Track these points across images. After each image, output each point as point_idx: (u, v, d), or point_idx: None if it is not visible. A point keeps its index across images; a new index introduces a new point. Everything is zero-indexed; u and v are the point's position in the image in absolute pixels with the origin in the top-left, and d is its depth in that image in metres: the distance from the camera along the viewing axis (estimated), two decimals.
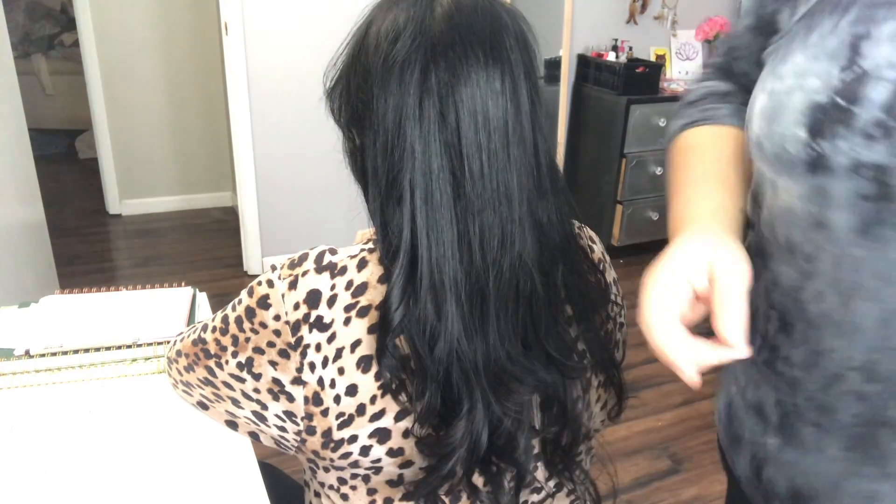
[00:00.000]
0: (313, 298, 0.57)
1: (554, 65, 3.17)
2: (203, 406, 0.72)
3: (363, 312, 0.57)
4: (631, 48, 3.19)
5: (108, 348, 0.95)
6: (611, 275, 0.72)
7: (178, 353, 0.72)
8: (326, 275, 0.58)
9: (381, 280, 0.58)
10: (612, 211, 3.15)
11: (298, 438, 0.62)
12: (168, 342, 0.97)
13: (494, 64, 0.55)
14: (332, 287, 0.57)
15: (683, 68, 3.42)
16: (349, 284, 0.58)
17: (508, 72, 0.56)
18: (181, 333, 0.75)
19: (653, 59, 3.33)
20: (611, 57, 3.11)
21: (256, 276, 3.16)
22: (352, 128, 0.61)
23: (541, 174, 0.59)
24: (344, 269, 0.58)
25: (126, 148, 3.59)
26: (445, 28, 0.55)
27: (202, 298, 1.12)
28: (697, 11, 3.39)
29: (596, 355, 0.65)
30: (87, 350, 0.94)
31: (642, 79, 3.01)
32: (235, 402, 0.65)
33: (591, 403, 0.69)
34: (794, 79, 0.50)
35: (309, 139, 2.81)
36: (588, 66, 3.18)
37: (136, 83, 3.50)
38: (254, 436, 0.68)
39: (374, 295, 0.57)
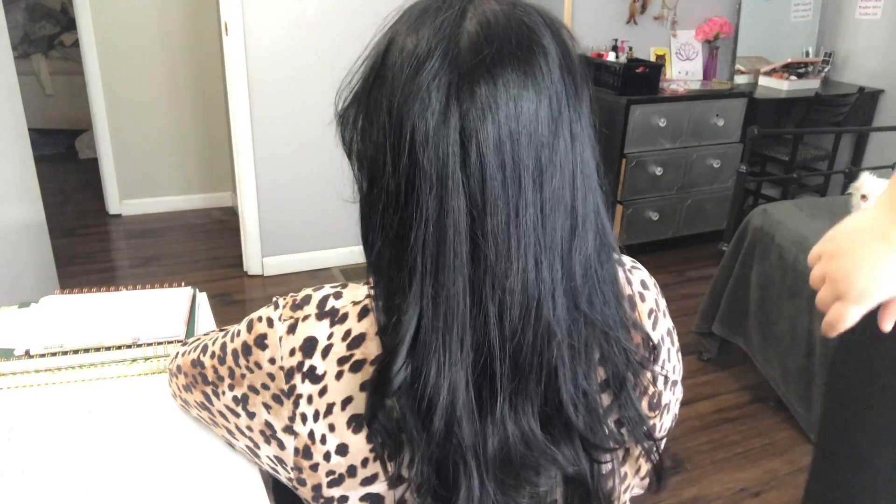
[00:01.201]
0: (309, 346, 0.54)
1: None
2: (202, 422, 0.72)
3: (357, 367, 0.53)
4: (631, 48, 3.19)
5: (108, 348, 0.95)
6: (665, 325, 0.63)
7: (179, 368, 0.71)
8: (326, 322, 0.55)
9: (379, 335, 0.53)
10: (612, 211, 3.15)
11: (290, 484, 0.60)
12: (168, 342, 0.97)
13: (528, 98, 0.47)
14: (330, 336, 0.54)
15: (683, 68, 3.42)
16: (347, 334, 0.54)
17: (546, 106, 0.48)
18: (184, 344, 0.74)
19: (653, 59, 3.33)
20: (611, 57, 3.11)
21: (256, 276, 3.16)
22: (360, 172, 0.53)
23: (577, 221, 0.50)
24: (345, 317, 0.55)
25: (126, 148, 3.59)
26: (472, 63, 0.47)
27: (202, 298, 1.12)
28: (697, 11, 3.39)
29: (634, 431, 0.56)
30: (87, 350, 0.94)
31: (642, 79, 3.01)
32: (231, 432, 0.64)
33: (629, 476, 0.61)
34: None
35: (309, 139, 2.81)
36: (588, 66, 3.18)
37: (136, 83, 3.50)
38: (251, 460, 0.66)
39: (370, 348, 0.53)
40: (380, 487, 0.55)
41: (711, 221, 3.33)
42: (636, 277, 0.62)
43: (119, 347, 0.95)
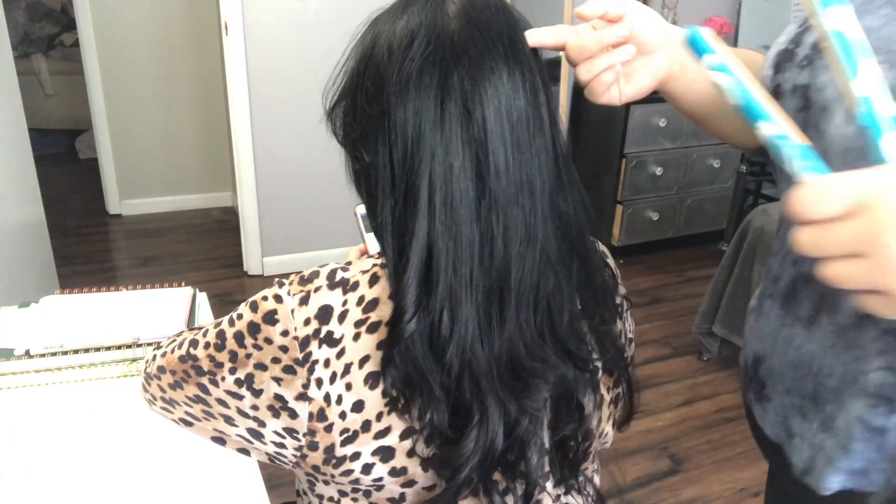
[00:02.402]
0: (324, 314, 0.56)
1: (554, 65, 3.17)
2: (187, 423, 0.70)
3: (373, 328, 0.56)
4: None
5: (108, 348, 0.95)
6: (622, 289, 0.71)
7: (161, 369, 0.69)
8: (339, 291, 0.57)
9: (392, 296, 0.57)
10: (612, 211, 3.15)
11: (298, 454, 0.60)
12: None
13: (512, 57, 0.56)
14: (344, 303, 0.57)
15: None
16: (360, 300, 0.57)
17: (526, 64, 0.57)
18: (159, 348, 0.72)
19: None
20: None
21: (256, 276, 3.16)
22: (360, 146, 0.60)
23: (559, 166, 0.59)
24: (356, 285, 0.57)
25: (126, 148, 3.59)
26: (463, 24, 0.55)
27: (202, 298, 1.12)
28: (697, 11, 3.40)
29: (608, 351, 0.64)
30: (87, 350, 0.94)
31: None
32: (229, 419, 0.63)
33: (603, 420, 0.68)
34: (783, 37, 0.68)
35: (309, 139, 2.81)
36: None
37: (136, 83, 3.50)
38: (244, 452, 0.66)
39: (384, 311, 0.57)
40: (391, 440, 0.58)
41: (711, 221, 3.33)
42: (598, 247, 0.69)
43: (119, 347, 0.95)
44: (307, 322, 0.56)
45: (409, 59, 0.54)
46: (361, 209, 0.88)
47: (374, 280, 0.58)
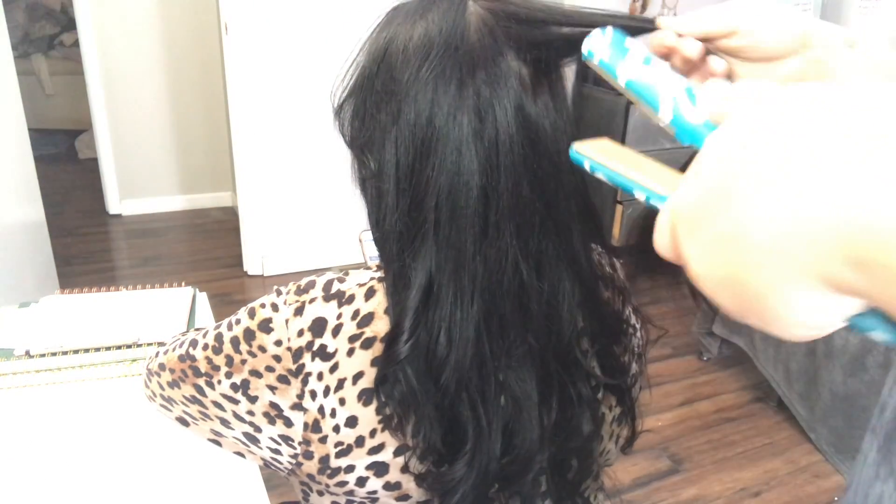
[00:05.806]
0: (318, 326, 0.55)
1: None
2: (184, 423, 0.70)
3: (367, 344, 0.55)
4: None
5: (108, 348, 0.95)
6: (630, 304, 0.69)
7: (161, 366, 0.69)
8: (334, 303, 0.56)
9: (388, 311, 0.56)
10: (612, 211, 3.15)
11: (294, 461, 0.60)
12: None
13: (533, 73, 0.53)
14: (339, 316, 0.56)
15: None
16: (356, 314, 0.56)
17: (547, 79, 0.55)
18: (164, 345, 0.72)
19: None
20: None
21: (256, 276, 3.16)
22: (366, 152, 0.57)
23: (578, 189, 0.57)
24: (352, 298, 0.57)
25: (126, 148, 3.59)
26: (484, 36, 0.53)
27: (202, 298, 1.12)
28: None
29: (608, 372, 0.62)
30: (87, 350, 0.94)
31: None
32: (225, 422, 0.63)
33: (605, 439, 0.67)
34: None
35: (309, 138, 2.81)
36: (588, 65, 3.18)
37: (136, 83, 3.50)
38: (239, 455, 0.66)
39: (380, 326, 0.56)
40: (385, 456, 0.57)
41: None
42: (606, 261, 0.67)
43: (119, 347, 0.95)
44: (300, 333, 0.55)
45: (424, 68, 0.52)
46: (366, 235, 0.86)
47: (370, 294, 0.57)
